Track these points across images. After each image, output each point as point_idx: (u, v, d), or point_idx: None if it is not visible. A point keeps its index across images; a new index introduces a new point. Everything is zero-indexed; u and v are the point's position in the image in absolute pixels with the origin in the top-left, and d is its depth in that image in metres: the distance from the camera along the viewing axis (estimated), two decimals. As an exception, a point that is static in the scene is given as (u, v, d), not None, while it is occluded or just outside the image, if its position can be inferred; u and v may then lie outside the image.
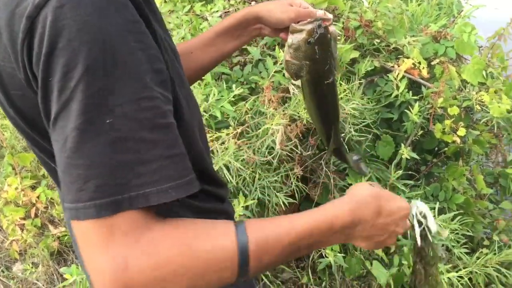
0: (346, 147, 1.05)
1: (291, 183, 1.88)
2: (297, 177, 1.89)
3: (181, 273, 0.56)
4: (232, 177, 1.75)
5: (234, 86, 1.96)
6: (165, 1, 2.24)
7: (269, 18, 1.00)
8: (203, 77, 2.04)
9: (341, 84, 2.00)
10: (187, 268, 0.57)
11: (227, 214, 0.92)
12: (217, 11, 2.14)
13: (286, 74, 0.92)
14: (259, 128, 1.91)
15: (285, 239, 0.64)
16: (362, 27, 2.12)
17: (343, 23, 2.14)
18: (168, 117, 0.60)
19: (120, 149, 0.55)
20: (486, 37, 2.63)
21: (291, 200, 1.85)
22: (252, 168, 1.82)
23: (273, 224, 0.65)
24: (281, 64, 1.96)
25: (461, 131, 2.10)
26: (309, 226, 0.66)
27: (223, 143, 1.83)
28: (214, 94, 1.88)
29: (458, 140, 2.12)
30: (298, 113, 1.89)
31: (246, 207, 1.75)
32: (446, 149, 2.30)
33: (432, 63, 2.21)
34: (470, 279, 1.99)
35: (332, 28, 0.90)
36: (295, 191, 1.89)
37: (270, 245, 0.63)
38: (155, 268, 0.55)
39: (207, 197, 0.83)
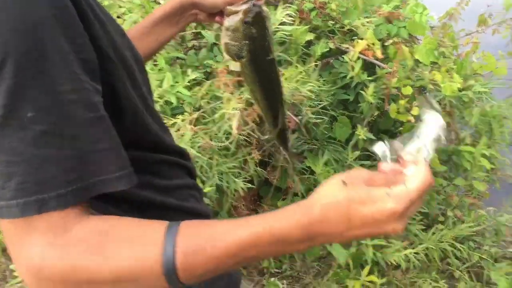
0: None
1: (250, 168, 1.86)
2: (256, 161, 1.88)
3: (91, 280, 0.54)
4: (189, 164, 1.72)
5: (189, 71, 1.92)
6: (115, -15, 2.15)
7: (204, 3, 1.00)
8: (156, 63, 1.99)
9: (297, 67, 1.99)
10: (96, 277, 0.54)
11: (198, 190, 0.90)
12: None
13: (226, 56, 0.90)
14: (216, 113, 1.88)
15: (222, 251, 0.56)
16: (316, 9, 2.11)
17: (297, 5, 2.13)
18: (96, 110, 0.56)
19: (43, 144, 0.52)
20: (437, 17, 2.68)
21: (250, 185, 1.83)
22: (209, 155, 1.80)
23: (211, 233, 0.57)
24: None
25: (415, 110, 2.14)
26: (251, 238, 0.57)
27: (178, 129, 1.79)
28: (169, 80, 1.83)
29: (413, 119, 2.15)
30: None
31: (204, 194, 1.72)
32: (401, 128, 2.34)
33: (386, 44, 2.23)
34: (426, 254, 2.05)
35: (264, 7, 0.90)
36: (254, 175, 1.88)
37: (203, 257, 0.56)
38: (65, 273, 0.53)
39: (170, 169, 0.80)
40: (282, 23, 1.97)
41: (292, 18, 1.99)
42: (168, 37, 1.05)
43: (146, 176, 0.72)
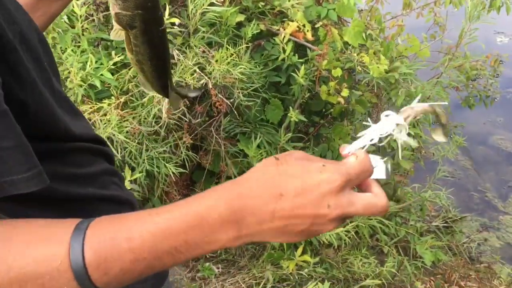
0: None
1: (181, 153, 1.82)
2: (187, 146, 1.84)
3: None
4: (117, 151, 1.65)
5: (113, 52, 1.83)
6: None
7: None
8: (79, 43, 1.88)
9: (227, 49, 1.96)
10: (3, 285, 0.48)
11: (119, 177, 0.84)
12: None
13: (116, 26, 0.86)
14: (144, 97, 1.81)
15: (137, 243, 0.50)
16: (246, -11, 2.08)
17: (227, -15, 2.08)
18: None
19: None
20: (365, 0, 2.74)
21: (181, 170, 1.79)
22: (139, 140, 1.73)
23: (125, 225, 0.51)
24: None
25: (345, 92, 2.18)
26: (169, 224, 0.51)
27: (105, 114, 1.71)
28: (92, 62, 1.74)
29: (342, 101, 2.19)
30: (185, 80, 1.82)
31: (134, 181, 1.66)
32: (332, 110, 2.38)
33: (316, 26, 2.24)
34: (356, 232, 2.11)
35: None
36: (186, 160, 1.84)
37: (117, 252, 0.50)
38: None
39: (84, 157, 0.74)
40: (211, 4, 1.92)
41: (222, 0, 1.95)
42: (57, 10, 0.95)
43: (57, 167, 0.66)
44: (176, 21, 1.88)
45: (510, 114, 3.75)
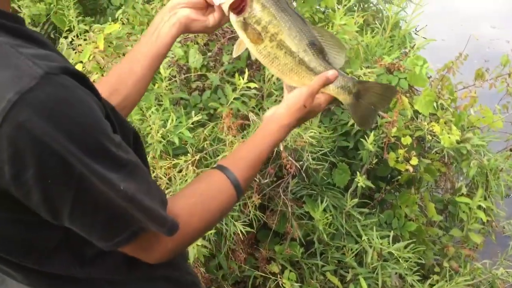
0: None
1: (249, 211, 1.86)
2: (255, 205, 1.88)
3: (213, 205, 0.91)
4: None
5: (192, 112, 1.94)
6: (123, 23, 2.20)
7: (192, 24, 1.03)
8: (161, 102, 2.01)
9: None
10: (214, 203, 0.91)
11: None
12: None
13: (243, 34, 0.99)
14: (218, 155, 1.89)
15: (254, 159, 0.98)
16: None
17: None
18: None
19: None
20: (435, 68, 2.75)
21: (248, 228, 1.82)
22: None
23: (242, 154, 0.99)
24: (240, 91, 1.96)
25: (414, 160, 2.16)
26: (264, 139, 1.00)
27: (180, 170, 1.79)
28: (173, 120, 1.85)
29: (411, 169, 2.18)
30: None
31: (204, 237, 1.71)
32: (399, 177, 2.35)
33: (387, 93, 2.27)
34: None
35: None
36: (253, 219, 1.88)
37: (248, 169, 0.96)
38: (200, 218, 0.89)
39: None
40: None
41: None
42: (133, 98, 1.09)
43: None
44: (253, 85, 1.97)
45: None
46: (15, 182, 0.64)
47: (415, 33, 3.10)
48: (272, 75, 2.06)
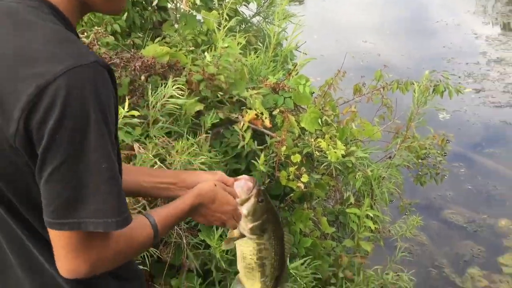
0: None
1: (141, 248, 1.74)
2: (147, 240, 1.77)
3: (133, 247, 0.97)
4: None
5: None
6: None
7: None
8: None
9: (188, 139, 1.96)
10: (135, 245, 0.97)
11: None
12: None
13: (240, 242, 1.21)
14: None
15: (172, 218, 1.07)
16: (205, 80, 2.12)
17: (186, 76, 2.12)
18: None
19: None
20: (316, 82, 2.85)
21: (141, 267, 1.71)
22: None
23: (167, 211, 1.07)
24: (123, 119, 1.85)
25: (305, 178, 2.20)
26: (178, 208, 1.09)
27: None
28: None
29: (302, 186, 2.21)
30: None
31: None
32: (292, 194, 2.38)
33: (273, 113, 2.30)
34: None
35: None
36: (146, 256, 1.77)
37: (167, 222, 1.05)
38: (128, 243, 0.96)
39: None
40: (171, 96, 1.94)
41: (181, 92, 1.97)
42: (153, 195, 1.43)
43: None
44: (136, 113, 1.87)
45: (458, 189, 3.91)
46: (40, 125, 0.76)
47: (296, 50, 3.20)
48: (157, 102, 1.98)
